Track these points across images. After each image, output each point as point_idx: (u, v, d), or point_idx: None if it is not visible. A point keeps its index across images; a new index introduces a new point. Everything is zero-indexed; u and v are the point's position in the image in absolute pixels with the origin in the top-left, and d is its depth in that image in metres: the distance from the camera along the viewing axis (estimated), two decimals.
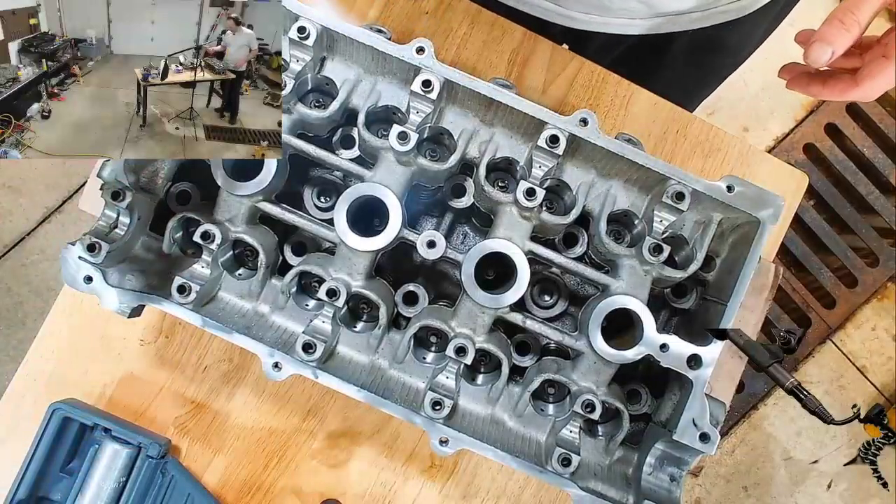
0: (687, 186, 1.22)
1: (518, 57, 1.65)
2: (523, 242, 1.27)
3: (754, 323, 1.47)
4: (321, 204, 1.47)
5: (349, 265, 1.27)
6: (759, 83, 3.42)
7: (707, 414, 1.24)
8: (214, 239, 1.24)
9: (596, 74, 1.66)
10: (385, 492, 1.61)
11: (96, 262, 1.21)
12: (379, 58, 1.25)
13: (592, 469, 1.34)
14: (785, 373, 1.13)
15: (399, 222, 1.24)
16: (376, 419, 1.61)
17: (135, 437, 1.46)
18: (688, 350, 1.25)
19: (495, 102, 1.22)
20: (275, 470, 1.60)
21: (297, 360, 1.21)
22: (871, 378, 3.47)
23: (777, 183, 1.62)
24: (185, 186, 1.37)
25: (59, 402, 1.46)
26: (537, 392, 1.34)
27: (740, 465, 3.42)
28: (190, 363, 1.60)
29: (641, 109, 1.66)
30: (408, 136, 1.19)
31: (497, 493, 1.62)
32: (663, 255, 1.23)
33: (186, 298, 1.21)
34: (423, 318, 1.30)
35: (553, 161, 1.24)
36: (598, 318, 1.26)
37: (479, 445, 1.22)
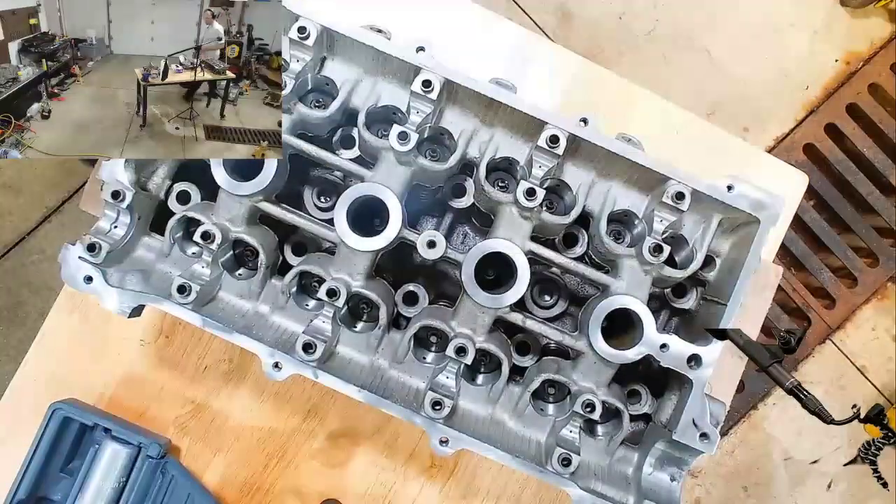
0: (687, 186, 1.22)
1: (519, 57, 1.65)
2: (523, 242, 1.27)
3: (754, 323, 1.47)
4: (321, 204, 1.47)
5: (349, 265, 1.27)
6: (759, 83, 3.42)
7: (707, 414, 1.24)
8: (214, 239, 1.24)
9: (596, 74, 1.66)
10: (385, 492, 1.61)
11: (96, 262, 1.21)
12: (379, 58, 1.25)
13: (592, 469, 1.34)
14: (785, 373, 1.13)
15: (399, 222, 1.24)
16: (376, 419, 1.61)
17: (135, 437, 1.46)
18: (688, 350, 1.25)
19: (495, 102, 1.22)
20: (275, 470, 1.60)
21: (298, 360, 1.21)
22: (871, 378, 3.46)
23: (777, 183, 1.62)
24: (185, 186, 1.36)
25: (60, 402, 1.46)
26: (537, 392, 1.34)
27: (740, 465, 3.42)
28: (190, 363, 1.60)
29: (642, 109, 1.66)
30: (408, 136, 1.19)
31: (497, 493, 1.62)
32: (663, 255, 1.23)
33: (186, 298, 1.21)
34: (424, 318, 1.30)
35: (553, 161, 1.24)
36: (598, 318, 1.26)
37: (479, 445, 1.22)
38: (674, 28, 3.42)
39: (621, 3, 3.42)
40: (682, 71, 3.42)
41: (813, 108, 3.44)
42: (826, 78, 3.46)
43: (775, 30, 3.46)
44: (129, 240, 1.28)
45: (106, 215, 1.26)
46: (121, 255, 1.27)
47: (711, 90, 3.44)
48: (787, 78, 3.47)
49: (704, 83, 3.43)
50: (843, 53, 3.43)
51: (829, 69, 3.45)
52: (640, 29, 3.41)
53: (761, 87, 3.48)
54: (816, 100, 3.47)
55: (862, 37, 3.41)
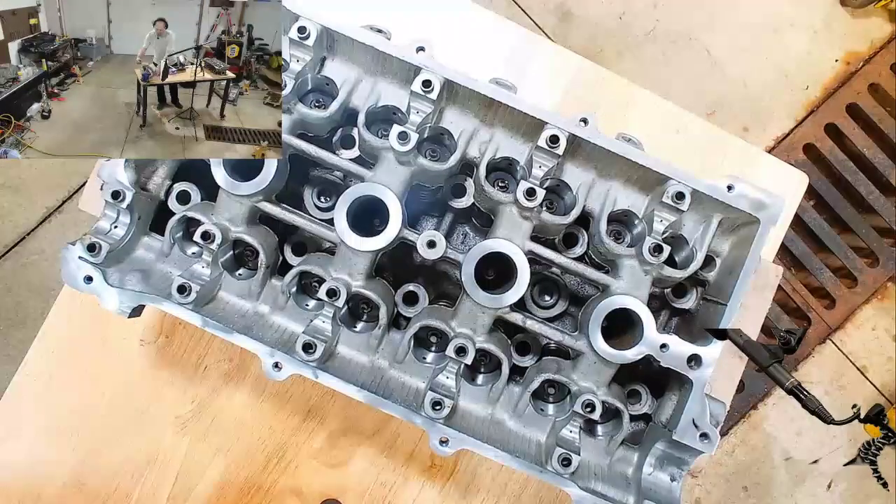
0: (687, 186, 1.22)
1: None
2: (523, 242, 1.27)
3: (754, 323, 1.47)
4: (321, 204, 1.47)
5: (349, 265, 1.27)
6: (759, 83, 3.42)
7: (707, 414, 1.24)
8: (214, 239, 1.24)
9: (596, 74, 1.66)
10: (385, 492, 1.61)
11: (96, 261, 1.21)
12: (379, 58, 1.25)
13: (592, 469, 1.34)
14: (785, 373, 1.13)
15: (399, 222, 1.24)
16: (376, 419, 1.61)
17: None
18: (688, 350, 1.25)
19: (495, 102, 1.22)
20: (275, 470, 1.60)
21: (298, 360, 1.21)
22: (871, 378, 3.46)
23: (777, 183, 1.62)
24: (185, 186, 1.36)
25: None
26: (537, 392, 1.34)
27: (740, 465, 3.42)
28: (190, 363, 1.60)
29: (641, 109, 1.66)
30: (408, 136, 1.19)
31: (497, 493, 1.62)
32: (663, 255, 1.23)
33: (186, 298, 1.21)
34: (424, 318, 1.30)
35: (553, 161, 1.24)
36: (598, 318, 1.26)
37: (479, 445, 1.22)
38: (674, 28, 3.42)
39: (621, 3, 3.42)
40: (682, 71, 3.42)
41: (813, 108, 3.44)
42: (826, 78, 3.46)
43: (775, 30, 3.46)
44: (129, 240, 1.28)
45: (106, 215, 1.26)
46: (121, 255, 1.27)
47: (711, 90, 3.44)
48: (787, 78, 3.47)
49: (704, 83, 3.43)
50: (843, 53, 3.43)
51: (829, 69, 3.45)
52: (640, 29, 3.41)
53: (761, 87, 3.48)
54: (816, 100, 3.48)
55: (862, 37, 3.41)
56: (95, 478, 1.60)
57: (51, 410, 1.60)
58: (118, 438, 1.61)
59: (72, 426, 1.60)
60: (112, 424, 1.61)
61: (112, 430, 1.61)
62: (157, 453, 1.60)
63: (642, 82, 1.66)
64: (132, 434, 1.60)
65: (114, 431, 1.61)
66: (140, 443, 1.60)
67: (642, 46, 3.41)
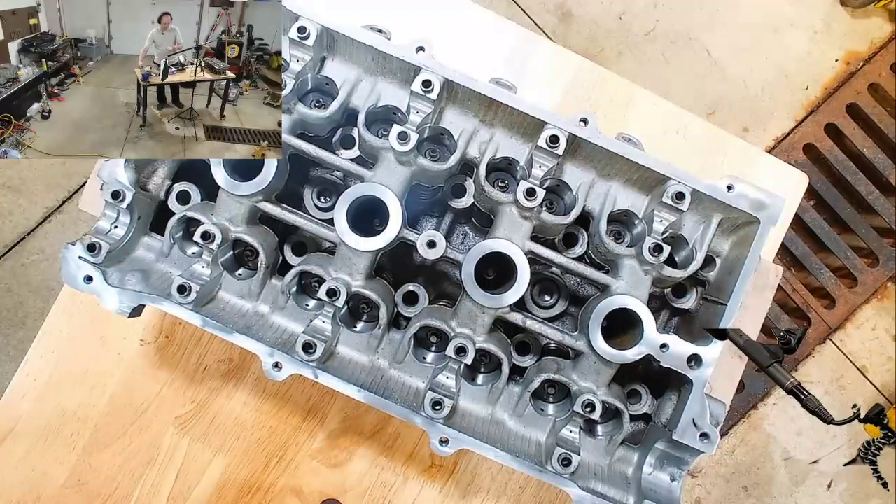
0: (687, 186, 1.22)
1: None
2: (523, 242, 1.26)
3: (754, 323, 1.47)
4: (321, 204, 1.47)
5: (349, 265, 1.27)
6: (759, 83, 3.43)
7: (707, 414, 1.24)
8: (214, 239, 1.24)
9: (596, 74, 1.66)
10: (385, 492, 1.61)
11: (96, 261, 1.21)
12: (379, 58, 1.25)
13: (592, 469, 1.34)
14: (785, 373, 1.13)
15: (399, 222, 1.23)
16: (376, 419, 1.61)
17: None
18: (688, 350, 1.25)
19: (495, 102, 1.22)
20: (275, 470, 1.60)
21: (297, 360, 1.21)
22: (871, 378, 3.46)
23: (777, 183, 1.62)
24: (185, 186, 1.36)
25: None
26: (537, 392, 1.34)
27: (740, 465, 3.42)
28: (190, 363, 1.60)
29: (641, 109, 1.66)
30: (408, 136, 1.19)
31: (497, 493, 1.62)
32: (663, 255, 1.23)
33: (186, 298, 1.21)
34: (424, 318, 1.30)
35: (553, 161, 1.24)
36: (598, 318, 1.26)
37: (479, 445, 1.22)
38: (674, 28, 3.42)
39: (621, 3, 3.42)
40: (682, 71, 3.42)
41: (813, 108, 3.44)
42: (826, 78, 3.46)
43: (775, 30, 3.46)
44: (129, 240, 1.28)
45: (106, 215, 1.26)
46: (121, 255, 1.27)
47: (711, 90, 3.44)
48: (787, 78, 3.47)
49: (704, 83, 3.43)
50: (843, 53, 3.43)
51: (829, 69, 3.45)
52: (640, 29, 3.41)
53: (761, 87, 3.48)
54: (816, 100, 3.48)
55: (862, 37, 3.41)
56: (95, 478, 1.60)
57: (51, 410, 1.60)
58: (118, 438, 1.61)
59: (72, 426, 1.60)
60: (112, 424, 1.61)
61: (112, 430, 1.61)
62: (156, 453, 1.60)
63: (642, 82, 1.66)
64: (132, 434, 1.60)
65: (114, 431, 1.61)
66: (140, 443, 1.60)
67: (642, 46, 3.41)
